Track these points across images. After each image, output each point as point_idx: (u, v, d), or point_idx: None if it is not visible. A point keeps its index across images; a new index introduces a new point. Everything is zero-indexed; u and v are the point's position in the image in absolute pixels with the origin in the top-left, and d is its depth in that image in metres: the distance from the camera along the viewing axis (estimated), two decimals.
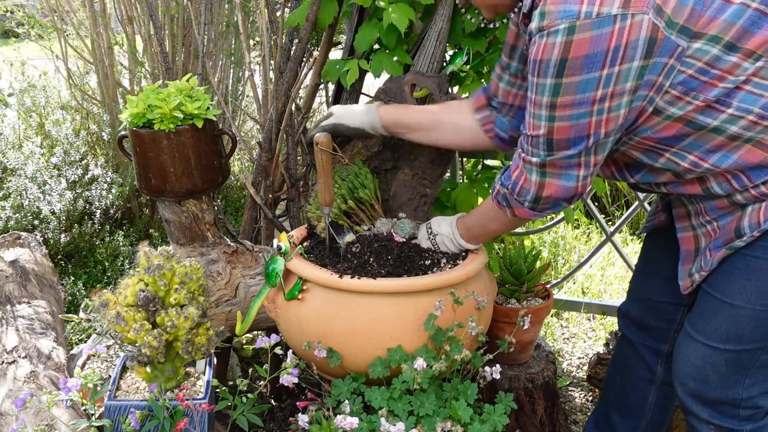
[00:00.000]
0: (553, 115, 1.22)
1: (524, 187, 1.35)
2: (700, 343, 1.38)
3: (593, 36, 1.11)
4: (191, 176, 1.72)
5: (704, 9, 1.13)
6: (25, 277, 2.18)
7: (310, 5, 2.02)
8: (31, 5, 4.25)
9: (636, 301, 1.69)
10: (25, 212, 2.96)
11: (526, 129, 1.30)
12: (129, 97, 1.69)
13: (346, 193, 1.71)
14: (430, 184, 1.81)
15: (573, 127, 1.22)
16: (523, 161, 1.33)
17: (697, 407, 1.42)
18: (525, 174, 1.34)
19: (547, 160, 1.29)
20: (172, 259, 1.46)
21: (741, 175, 1.26)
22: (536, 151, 1.29)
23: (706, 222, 1.38)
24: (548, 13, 1.14)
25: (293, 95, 2.12)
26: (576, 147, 1.25)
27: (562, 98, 1.19)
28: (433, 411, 1.40)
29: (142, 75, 3.47)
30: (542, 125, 1.25)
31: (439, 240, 1.62)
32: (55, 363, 1.79)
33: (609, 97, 1.18)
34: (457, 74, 2.21)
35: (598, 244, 2.69)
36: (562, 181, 1.32)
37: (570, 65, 1.14)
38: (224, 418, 1.74)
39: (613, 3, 1.10)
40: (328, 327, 1.48)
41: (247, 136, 4.33)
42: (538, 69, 1.18)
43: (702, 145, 1.25)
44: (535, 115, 1.25)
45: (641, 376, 1.70)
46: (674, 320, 1.62)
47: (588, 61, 1.13)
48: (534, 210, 1.38)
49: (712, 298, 1.35)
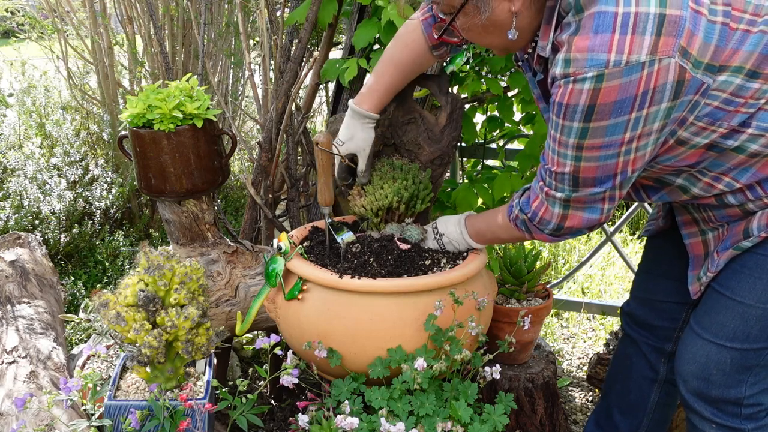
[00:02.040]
0: (579, 156, 1.21)
1: (545, 218, 1.35)
2: (706, 341, 1.38)
3: (622, 83, 1.10)
4: (191, 176, 1.72)
5: (727, 43, 1.13)
6: (25, 277, 2.18)
7: (310, 5, 2.02)
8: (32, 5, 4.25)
9: (640, 301, 1.69)
10: (25, 212, 2.96)
11: (548, 164, 1.29)
12: (129, 97, 1.69)
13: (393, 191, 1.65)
14: (430, 184, 1.81)
15: (600, 168, 1.22)
16: (546, 195, 1.32)
17: (700, 405, 1.42)
18: (547, 206, 1.33)
19: (572, 196, 1.29)
20: (172, 259, 1.46)
21: (756, 186, 1.27)
22: (561, 186, 1.29)
23: (717, 226, 1.38)
24: (574, 61, 1.11)
25: (293, 95, 2.12)
26: (603, 185, 1.26)
27: (590, 141, 1.18)
28: (433, 411, 1.40)
29: (141, 75, 3.47)
30: (568, 164, 1.24)
31: (445, 239, 1.61)
32: (55, 363, 1.79)
33: (637, 138, 1.18)
34: (457, 74, 2.22)
35: (598, 244, 2.69)
36: (586, 213, 1.32)
37: (598, 111, 1.13)
38: (224, 418, 1.74)
39: (641, 50, 1.08)
40: (328, 327, 1.48)
41: (247, 136, 4.33)
42: (564, 112, 1.17)
43: (722, 164, 1.26)
44: (560, 153, 1.24)
45: (644, 374, 1.70)
46: (679, 319, 1.62)
47: (617, 106, 1.12)
48: (554, 236, 1.38)
49: (721, 295, 1.35)
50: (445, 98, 1.76)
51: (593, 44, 1.09)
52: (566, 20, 1.16)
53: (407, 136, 1.74)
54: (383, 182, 1.65)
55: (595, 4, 1.11)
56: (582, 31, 1.11)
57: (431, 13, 1.51)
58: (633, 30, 1.08)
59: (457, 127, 1.76)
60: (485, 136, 2.40)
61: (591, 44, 1.09)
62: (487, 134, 2.41)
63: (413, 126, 1.75)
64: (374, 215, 1.65)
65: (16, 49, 4.11)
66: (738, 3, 1.15)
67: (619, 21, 1.08)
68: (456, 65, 1.99)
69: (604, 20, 1.09)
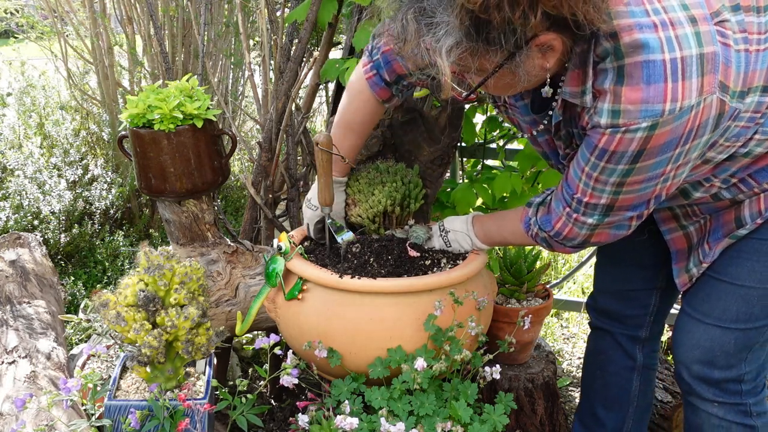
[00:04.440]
0: (619, 191, 1.22)
1: (569, 236, 1.35)
2: (709, 325, 1.40)
3: (673, 127, 1.10)
4: (191, 176, 1.72)
5: (749, 66, 1.15)
6: (25, 277, 2.18)
7: (311, 5, 2.02)
8: (32, 5, 4.25)
9: (607, 293, 1.70)
10: (25, 212, 2.96)
11: (578, 194, 1.27)
12: (129, 98, 1.69)
13: (385, 196, 1.65)
14: (430, 184, 1.81)
15: (637, 197, 1.23)
16: (574, 220, 1.32)
17: (702, 388, 1.45)
18: (572, 227, 1.33)
19: (604, 221, 1.29)
20: (172, 259, 1.46)
21: (749, 179, 1.29)
22: (591, 213, 1.29)
23: (700, 219, 1.40)
24: (625, 112, 1.10)
25: (293, 95, 2.12)
26: (636, 210, 1.27)
27: (633, 178, 1.18)
28: (433, 411, 1.40)
29: (141, 75, 3.47)
30: (604, 197, 1.24)
31: (451, 237, 1.60)
32: (55, 363, 1.78)
33: (676, 168, 1.19)
34: None
35: None
36: (613, 230, 1.32)
37: (647, 153, 1.13)
38: (224, 418, 1.74)
39: (692, 93, 1.08)
40: (328, 327, 1.48)
41: (247, 136, 4.33)
42: (609, 157, 1.16)
43: (729, 169, 1.28)
44: (596, 188, 1.23)
45: (623, 364, 1.71)
46: (649, 305, 1.65)
47: (664, 147, 1.13)
48: (577, 249, 1.39)
49: (720, 281, 1.37)
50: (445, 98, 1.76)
51: (647, 96, 1.08)
52: (602, 66, 1.12)
53: (407, 136, 1.74)
54: (373, 188, 1.65)
55: (640, 53, 1.07)
56: (630, 81, 1.09)
57: (375, 72, 1.52)
58: (683, 76, 1.07)
59: (457, 127, 1.76)
60: (485, 136, 2.40)
61: (645, 96, 1.08)
62: (487, 134, 2.41)
63: (413, 126, 1.75)
64: (371, 222, 1.65)
65: (15, 50, 4.11)
66: (750, 26, 1.16)
67: (669, 69, 1.07)
68: None
69: (655, 70, 1.07)
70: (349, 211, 1.69)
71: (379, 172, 1.68)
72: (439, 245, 1.63)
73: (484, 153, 2.43)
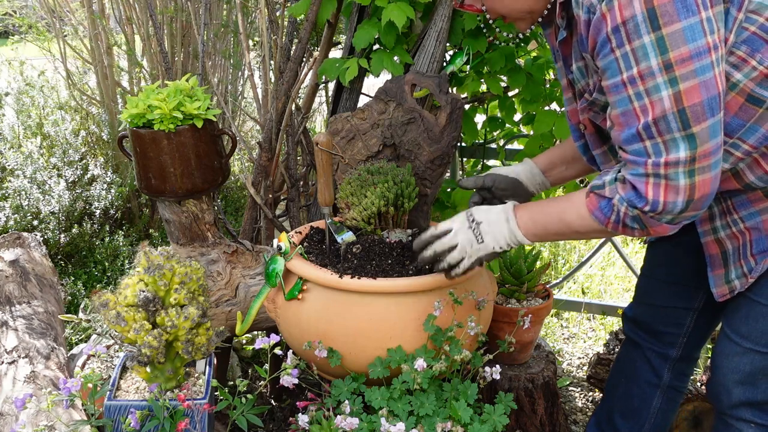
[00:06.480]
0: (674, 77, 1.05)
1: (669, 200, 1.12)
2: (748, 350, 1.37)
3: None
4: (191, 176, 1.72)
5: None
6: (25, 277, 2.18)
7: (311, 5, 2.02)
8: (31, 5, 4.25)
9: (643, 305, 1.67)
10: (25, 212, 2.96)
11: (639, 121, 1.10)
12: (129, 98, 1.69)
13: (377, 197, 1.62)
14: (430, 184, 1.81)
15: (702, 85, 1.05)
16: (665, 166, 1.10)
17: (741, 410, 1.41)
18: (667, 183, 1.11)
19: (697, 149, 1.08)
20: (172, 259, 1.46)
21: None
22: (673, 138, 1.08)
23: (732, 222, 1.35)
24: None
25: (293, 95, 2.12)
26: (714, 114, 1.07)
27: (674, 53, 1.03)
28: (433, 411, 1.40)
29: (141, 75, 3.47)
30: (664, 96, 1.06)
31: (484, 229, 1.35)
32: (55, 363, 1.78)
33: (718, 44, 1.06)
34: (457, 74, 2.22)
35: (598, 244, 2.69)
36: (713, 171, 1.11)
37: (662, 12, 1.02)
38: (224, 418, 1.74)
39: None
40: (328, 327, 1.48)
41: (247, 136, 4.33)
42: (626, 34, 1.05)
43: (758, 128, 1.18)
44: (650, 89, 1.06)
45: (647, 380, 1.68)
46: (684, 324, 1.61)
47: (678, 4, 1.02)
48: (676, 222, 1.17)
49: (756, 303, 1.34)
50: (445, 98, 1.76)
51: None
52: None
53: (407, 136, 1.74)
54: (365, 190, 1.64)
55: None
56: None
57: None
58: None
59: (457, 127, 1.76)
60: (485, 136, 2.40)
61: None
62: (487, 134, 2.41)
63: (413, 126, 1.75)
64: (366, 224, 1.65)
65: (14, 50, 4.11)
66: None
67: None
68: (456, 65, 1.99)
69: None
70: (344, 215, 1.69)
71: (370, 174, 1.68)
72: (465, 240, 1.37)
73: (484, 153, 2.43)
